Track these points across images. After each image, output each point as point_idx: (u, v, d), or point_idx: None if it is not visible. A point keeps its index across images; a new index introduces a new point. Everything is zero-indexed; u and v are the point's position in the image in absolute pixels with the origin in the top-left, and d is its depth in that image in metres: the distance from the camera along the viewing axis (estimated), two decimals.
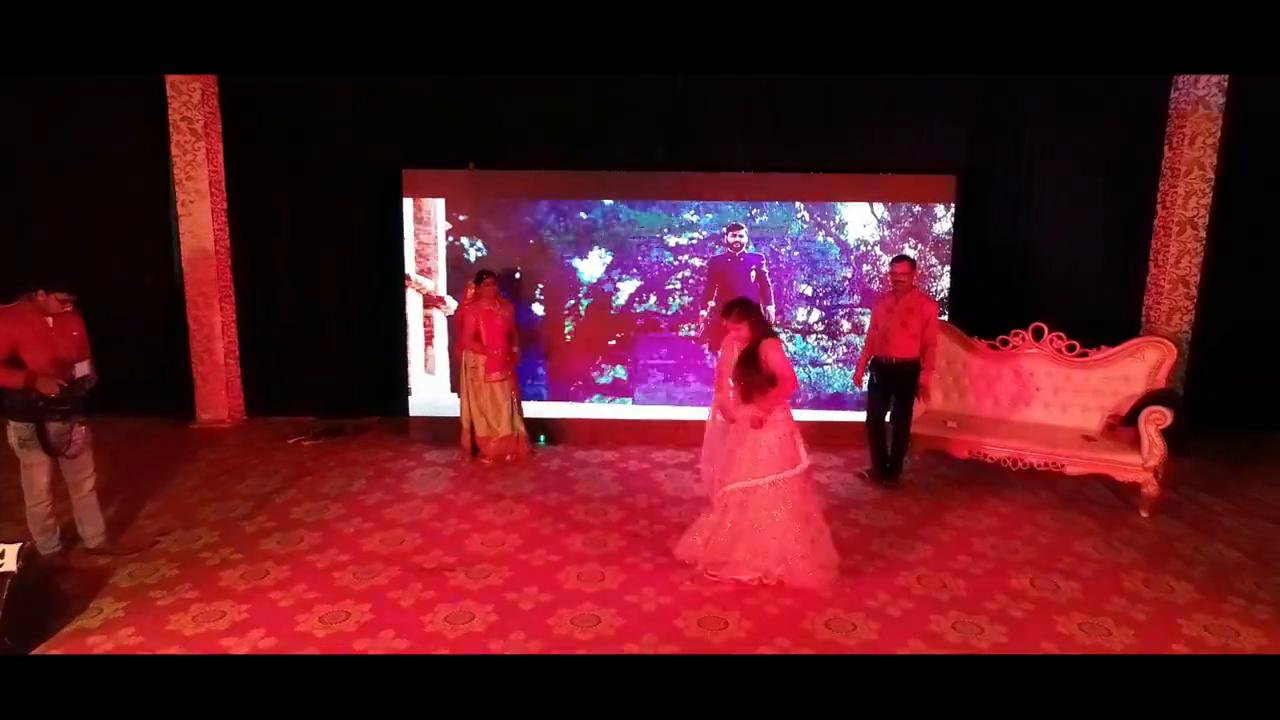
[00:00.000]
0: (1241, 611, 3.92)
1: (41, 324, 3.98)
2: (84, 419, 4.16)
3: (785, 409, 4.13)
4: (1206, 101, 6.41)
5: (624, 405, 6.60)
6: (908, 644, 3.61)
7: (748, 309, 4.10)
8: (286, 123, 6.85)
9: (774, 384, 4.01)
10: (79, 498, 4.33)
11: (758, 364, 4.02)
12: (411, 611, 3.85)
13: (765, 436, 4.05)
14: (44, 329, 3.98)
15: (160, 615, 3.80)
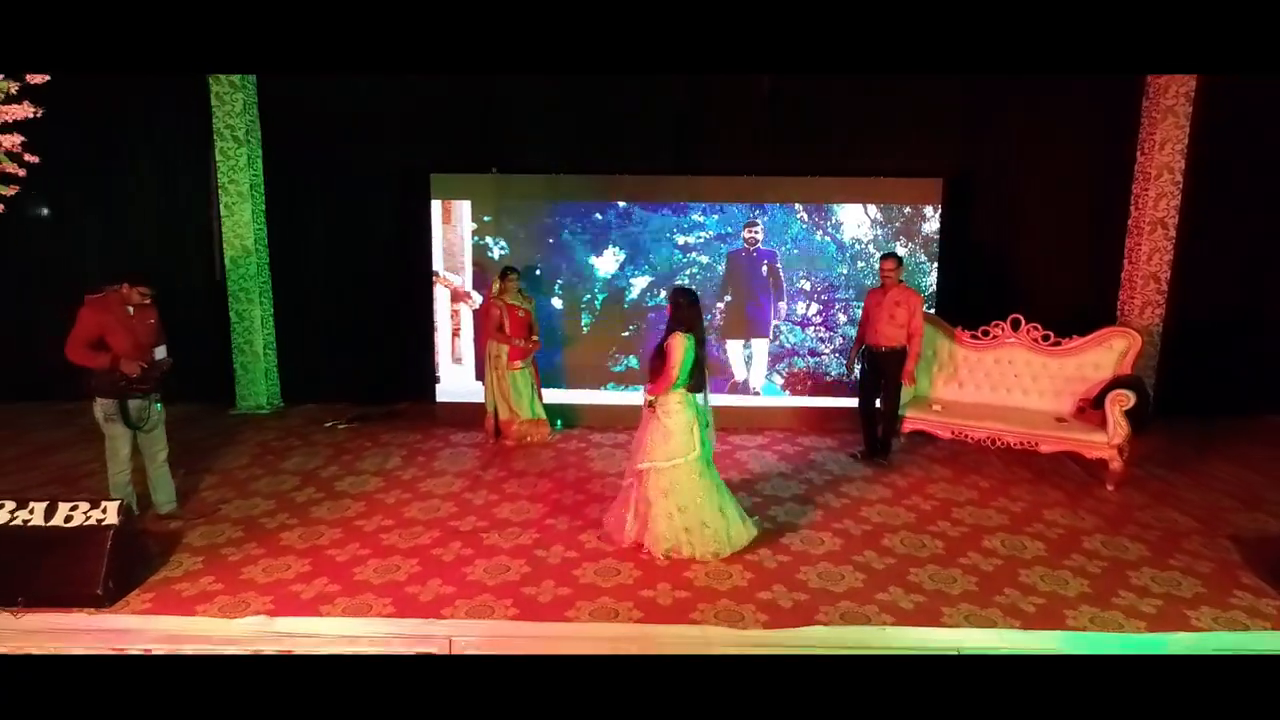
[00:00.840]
0: (1186, 566, 4.43)
1: (124, 313, 4.51)
2: (160, 397, 4.70)
3: (682, 402, 4.42)
4: (1175, 111, 6.92)
5: (636, 392, 7.12)
6: (888, 590, 4.13)
7: (677, 303, 4.41)
8: (321, 130, 7.39)
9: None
10: (153, 468, 4.87)
11: (663, 352, 4.39)
12: (454, 565, 4.38)
13: (658, 423, 4.41)
14: (126, 317, 4.52)
15: (233, 568, 4.33)
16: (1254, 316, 7.34)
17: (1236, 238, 7.21)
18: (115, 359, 4.42)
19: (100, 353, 4.41)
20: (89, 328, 4.39)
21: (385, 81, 7.19)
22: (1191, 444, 6.60)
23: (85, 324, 4.39)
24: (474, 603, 3.99)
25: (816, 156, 7.21)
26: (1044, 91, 7.12)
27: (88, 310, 4.41)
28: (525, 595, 4.07)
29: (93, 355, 4.40)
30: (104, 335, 4.42)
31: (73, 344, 4.37)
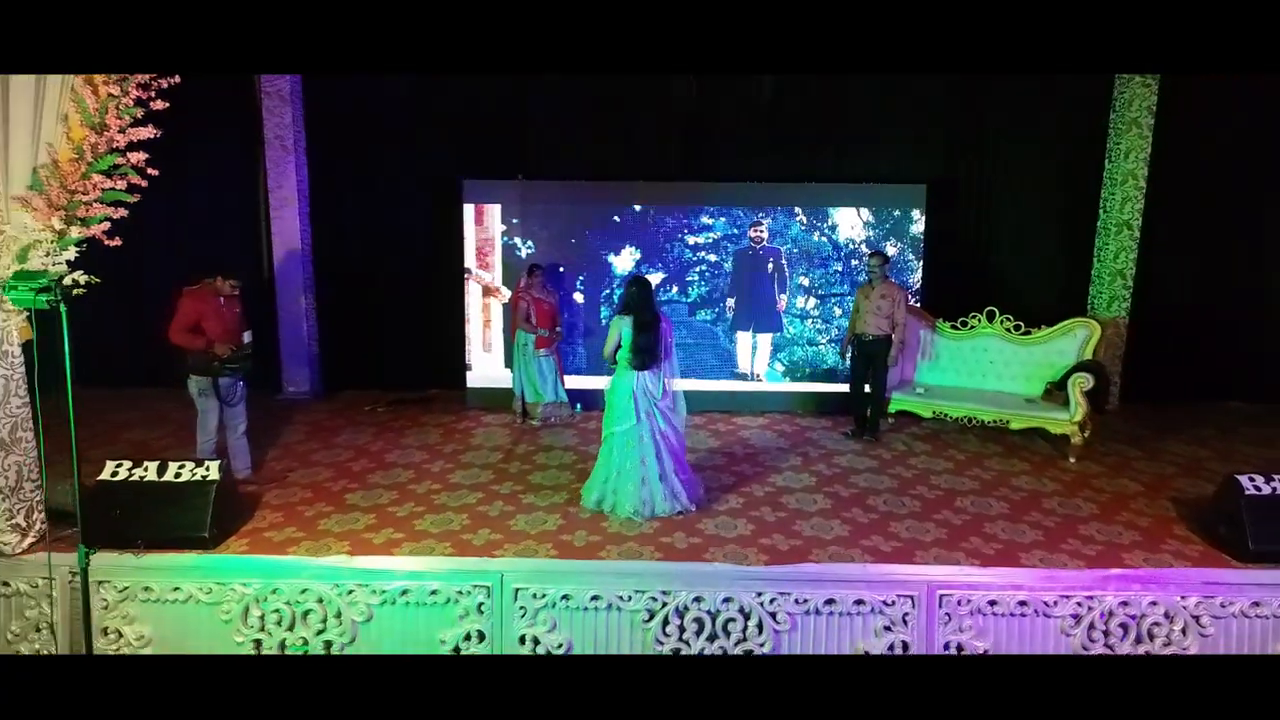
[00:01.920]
0: (1128, 521, 5.15)
1: (217, 303, 5.24)
2: (245, 376, 5.43)
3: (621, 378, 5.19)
4: (1138, 123, 7.62)
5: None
6: (870, 538, 4.85)
7: (625, 288, 5.26)
8: (362, 140, 8.10)
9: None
10: (234, 439, 5.60)
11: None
12: (499, 519, 5.11)
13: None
14: (219, 306, 5.25)
15: (310, 521, 5.06)
16: (1212, 311, 8.03)
17: (1195, 238, 7.91)
18: (209, 342, 5.15)
19: (197, 336, 5.14)
20: (188, 315, 5.12)
21: (421, 94, 7.90)
22: (1150, 425, 7.29)
23: (185, 312, 5.12)
24: (519, 546, 4.72)
25: (813, 164, 7.93)
26: (1019, 105, 7.83)
27: (187, 299, 5.13)
28: (562, 541, 4.80)
29: (191, 338, 5.12)
30: (200, 321, 5.14)
31: (175, 329, 5.10)
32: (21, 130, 4.28)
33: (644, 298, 5.20)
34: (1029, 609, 4.40)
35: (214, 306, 5.22)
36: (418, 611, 4.44)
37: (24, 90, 4.24)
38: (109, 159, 4.35)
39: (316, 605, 4.44)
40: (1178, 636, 4.38)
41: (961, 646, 4.38)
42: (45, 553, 4.42)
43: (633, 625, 4.40)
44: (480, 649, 4.41)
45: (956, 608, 4.39)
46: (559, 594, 4.40)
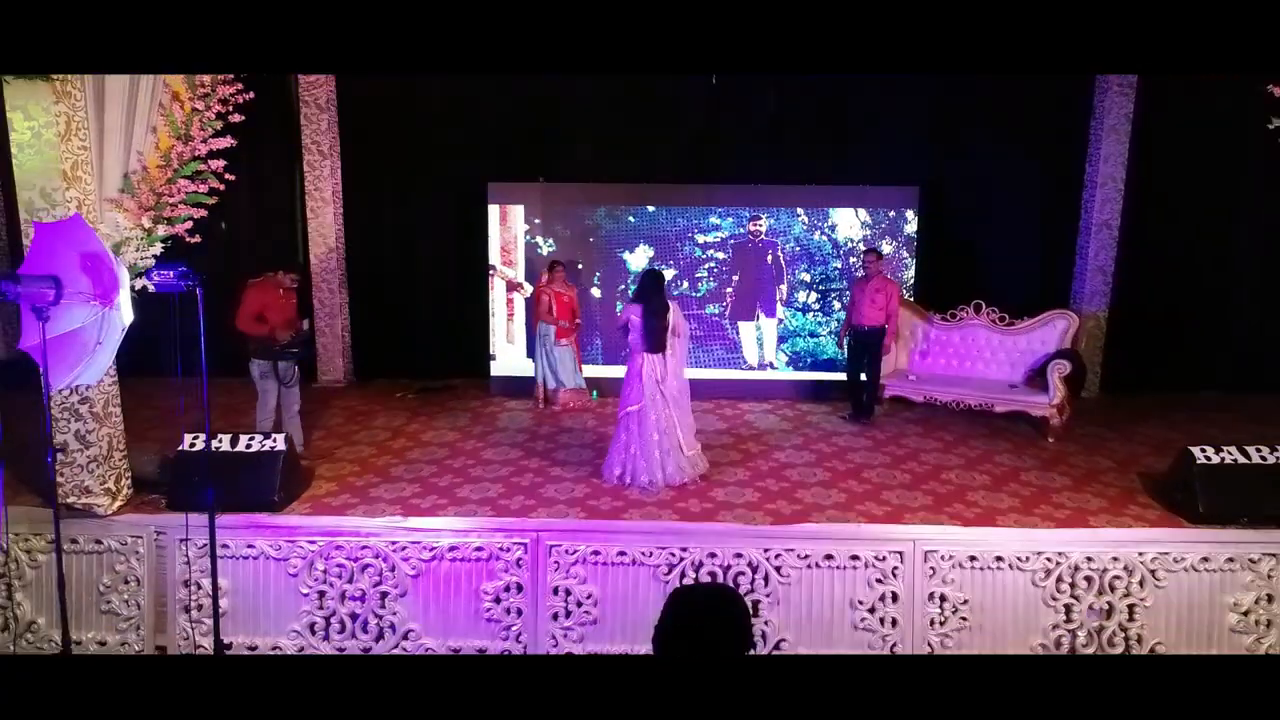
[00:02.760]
0: (1097, 493, 5.72)
1: (278, 294, 5.83)
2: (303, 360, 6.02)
3: (633, 361, 5.83)
4: (1116, 130, 8.17)
5: None
6: (864, 504, 5.44)
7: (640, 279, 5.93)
8: (394, 145, 8.67)
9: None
10: (289, 417, 6.18)
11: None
12: (530, 488, 5.69)
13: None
14: (279, 297, 5.84)
15: (361, 490, 5.65)
16: (1188, 305, 8.56)
17: (1171, 237, 8.45)
18: (271, 329, 5.73)
19: (261, 324, 5.73)
20: (253, 305, 5.70)
21: (449, 103, 8.49)
22: (1127, 412, 7.82)
23: (250, 302, 5.70)
24: (551, 510, 5.32)
25: (813, 167, 8.50)
26: (1005, 112, 8.39)
27: (252, 291, 5.72)
28: (589, 505, 5.39)
29: (255, 326, 5.71)
30: (263, 311, 5.73)
31: (242, 317, 5.69)
32: (114, 140, 4.86)
33: (655, 288, 5.84)
34: (1004, 564, 4.97)
35: (275, 297, 5.81)
36: (464, 566, 5.02)
37: (116, 103, 4.83)
38: (192, 165, 4.94)
39: (374, 560, 5.02)
40: (1135, 588, 4.96)
41: (945, 596, 4.96)
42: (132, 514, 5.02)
43: (653, 578, 4.97)
44: (518, 598, 4.99)
45: (940, 562, 4.97)
46: (589, 550, 4.98)
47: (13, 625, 5.09)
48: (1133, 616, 4.97)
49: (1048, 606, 4.99)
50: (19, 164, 4.69)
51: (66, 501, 5.03)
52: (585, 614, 5.00)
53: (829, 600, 4.97)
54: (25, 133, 4.62)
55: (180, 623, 5.07)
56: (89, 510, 5.04)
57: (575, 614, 5.00)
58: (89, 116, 4.76)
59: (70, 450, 4.99)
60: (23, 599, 5.11)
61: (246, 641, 5.06)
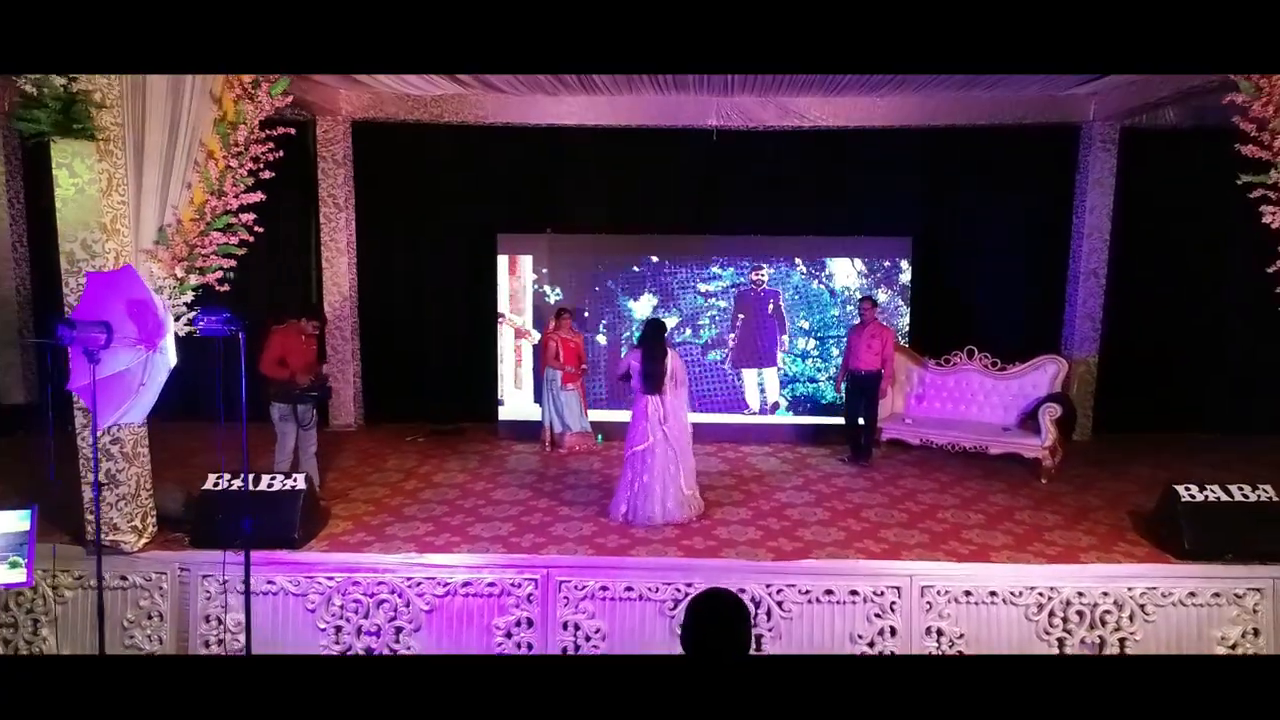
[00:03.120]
0: (1087, 530, 5.91)
1: (300, 340, 6.09)
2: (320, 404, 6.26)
3: (637, 403, 6.14)
4: (1102, 183, 8.52)
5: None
6: (863, 542, 5.62)
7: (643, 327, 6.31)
8: (406, 198, 9.04)
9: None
10: (305, 459, 6.38)
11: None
12: (539, 526, 5.89)
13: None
14: (300, 343, 6.09)
15: (376, 528, 5.84)
16: (1175, 348, 8.85)
17: (1156, 284, 8.76)
18: (293, 373, 5.98)
19: (282, 368, 5.97)
20: (276, 349, 5.96)
21: (460, 157, 8.88)
22: (1119, 453, 8.03)
23: (274, 346, 5.96)
24: (561, 547, 5.50)
25: (810, 218, 8.85)
26: (995, 165, 8.78)
27: (277, 335, 5.98)
28: (597, 543, 5.58)
29: (278, 370, 5.96)
30: (285, 356, 5.98)
31: (266, 362, 5.94)
32: (151, 195, 5.16)
33: (655, 336, 6.17)
34: (998, 599, 5.15)
35: (297, 343, 6.07)
36: (476, 601, 5.20)
37: (154, 161, 5.14)
38: (224, 218, 5.24)
39: (389, 595, 5.20)
40: (1125, 622, 5.13)
41: (941, 630, 5.13)
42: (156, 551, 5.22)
43: (659, 613, 5.15)
44: (529, 633, 5.16)
45: (936, 597, 5.15)
46: (597, 585, 5.17)
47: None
48: (1124, 650, 5.13)
49: (1041, 640, 5.15)
50: (62, 218, 4.97)
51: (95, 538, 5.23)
52: (594, 648, 5.16)
53: (829, 634, 5.14)
54: (69, 189, 4.92)
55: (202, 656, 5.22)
56: (116, 547, 5.23)
57: (584, 648, 5.16)
58: (128, 174, 5.07)
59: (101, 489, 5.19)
60: (48, 634, 5.27)
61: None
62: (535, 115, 8.57)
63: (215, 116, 5.18)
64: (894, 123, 8.53)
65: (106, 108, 4.86)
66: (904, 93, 8.21)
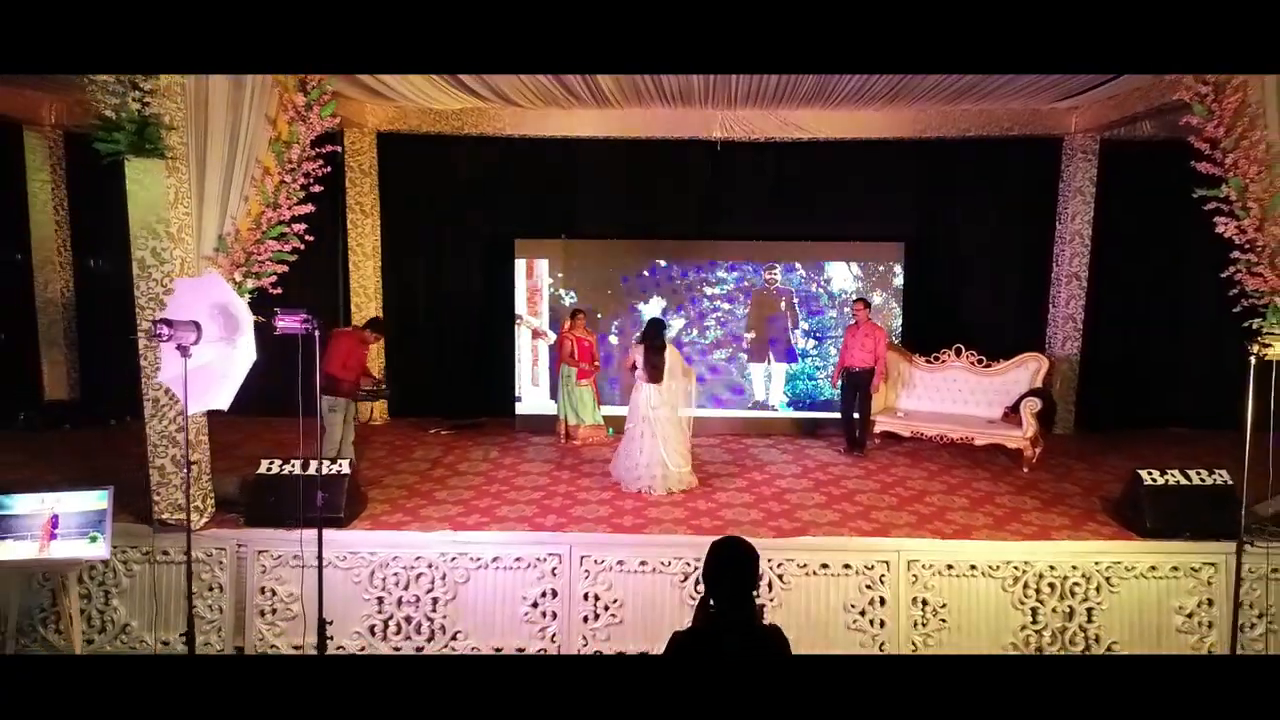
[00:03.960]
0: (1061, 513, 6.45)
1: (359, 346, 6.70)
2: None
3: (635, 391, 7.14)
4: (1083, 191, 9.07)
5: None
6: (856, 522, 6.18)
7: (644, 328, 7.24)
8: (429, 204, 9.62)
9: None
10: (345, 448, 6.96)
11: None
12: (560, 509, 6.44)
13: None
14: (359, 350, 6.72)
15: (413, 510, 6.39)
16: (1153, 347, 9.42)
17: (1134, 286, 9.33)
18: (356, 375, 6.58)
19: (345, 370, 6.57)
20: (343, 353, 6.56)
21: (479, 166, 9.46)
22: (1097, 445, 8.59)
23: (341, 350, 6.57)
24: (580, 526, 6.06)
25: (809, 224, 9.41)
26: (983, 175, 9.34)
27: (342, 340, 6.64)
28: (614, 522, 6.14)
29: (343, 371, 6.55)
30: (347, 360, 6.59)
31: (331, 361, 6.52)
32: (212, 208, 5.72)
33: (655, 332, 7.08)
34: (977, 572, 5.70)
35: (357, 349, 6.70)
36: (505, 574, 5.75)
37: (215, 176, 5.69)
38: (278, 228, 5.79)
39: (427, 569, 5.75)
40: (1092, 594, 5.68)
41: (926, 600, 5.67)
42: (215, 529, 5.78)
43: (671, 585, 5.70)
44: (553, 603, 5.71)
45: (921, 570, 5.69)
46: (614, 560, 5.72)
47: (110, 628, 5.80)
48: (1091, 618, 5.68)
49: (1016, 609, 5.70)
50: (134, 228, 5.52)
51: (161, 518, 5.79)
52: (611, 617, 5.71)
53: (825, 604, 5.69)
54: (141, 202, 5.48)
55: (256, 625, 5.78)
56: (181, 525, 5.78)
57: (603, 617, 5.71)
58: (192, 188, 5.63)
59: (166, 471, 5.76)
60: (119, 604, 5.82)
61: (313, 640, 5.74)
62: (550, 128, 9.14)
63: (271, 136, 5.74)
64: (887, 134, 9.08)
65: (174, 129, 5.42)
66: (897, 106, 8.76)
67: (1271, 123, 5.55)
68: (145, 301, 5.58)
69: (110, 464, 7.04)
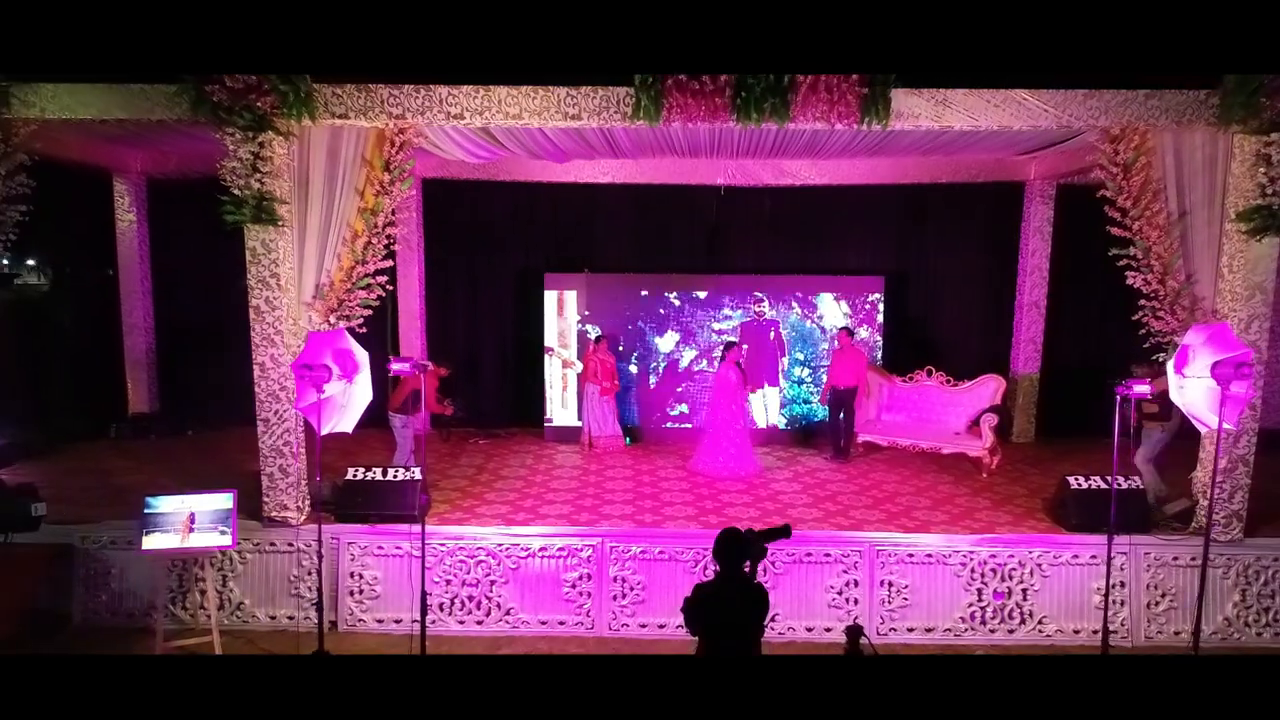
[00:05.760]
0: (1008, 512, 7.74)
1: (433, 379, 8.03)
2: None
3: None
4: (1041, 231, 10.38)
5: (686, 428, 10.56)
6: (836, 519, 7.49)
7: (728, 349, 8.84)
8: (466, 241, 10.95)
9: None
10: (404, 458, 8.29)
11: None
12: (592, 506, 7.76)
13: None
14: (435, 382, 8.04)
15: (469, 508, 7.71)
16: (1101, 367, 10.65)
17: (1086, 312, 10.64)
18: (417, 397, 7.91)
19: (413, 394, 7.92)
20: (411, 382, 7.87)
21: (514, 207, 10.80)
22: (1052, 454, 9.88)
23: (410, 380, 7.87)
24: (611, 521, 7.38)
25: (802, 259, 10.75)
26: (954, 215, 10.66)
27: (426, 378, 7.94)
28: (637, 519, 7.45)
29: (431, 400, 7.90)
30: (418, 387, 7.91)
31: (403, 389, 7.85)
32: (311, 263, 7.03)
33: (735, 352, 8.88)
34: (933, 559, 7.00)
35: (434, 382, 8.04)
36: (549, 561, 7.07)
37: (314, 238, 7.01)
38: (365, 280, 7.10)
39: (485, 557, 7.06)
40: (1027, 577, 6.98)
41: (892, 582, 6.98)
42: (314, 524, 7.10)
43: (685, 570, 7.00)
44: (588, 584, 7.02)
45: (889, 558, 7.00)
46: (639, 549, 7.03)
47: (227, 605, 7.11)
48: (1026, 597, 6.98)
49: (965, 591, 7.00)
50: (252, 281, 6.84)
51: (270, 515, 7.12)
52: (636, 596, 7.01)
53: (810, 585, 6.99)
54: (260, 260, 6.80)
55: (347, 603, 7.10)
56: (285, 521, 7.12)
57: (629, 595, 7.02)
58: (295, 247, 6.95)
59: (274, 478, 7.08)
60: (234, 586, 7.14)
61: (393, 616, 7.07)
62: (574, 175, 10.46)
63: (359, 206, 7.05)
64: (870, 180, 10.39)
65: (285, 202, 6.75)
66: (879, 156, 10.06)
67: (1170, 197, 6.87)
68: (260, 340, 6.91)
69: (201, 468, 8.50)
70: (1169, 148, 6.85)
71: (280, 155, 6.74)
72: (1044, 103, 6.71)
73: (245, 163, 6.60)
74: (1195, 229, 6.92)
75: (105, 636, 6.87)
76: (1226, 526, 6.97)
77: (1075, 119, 6.78)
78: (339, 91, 6.71)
